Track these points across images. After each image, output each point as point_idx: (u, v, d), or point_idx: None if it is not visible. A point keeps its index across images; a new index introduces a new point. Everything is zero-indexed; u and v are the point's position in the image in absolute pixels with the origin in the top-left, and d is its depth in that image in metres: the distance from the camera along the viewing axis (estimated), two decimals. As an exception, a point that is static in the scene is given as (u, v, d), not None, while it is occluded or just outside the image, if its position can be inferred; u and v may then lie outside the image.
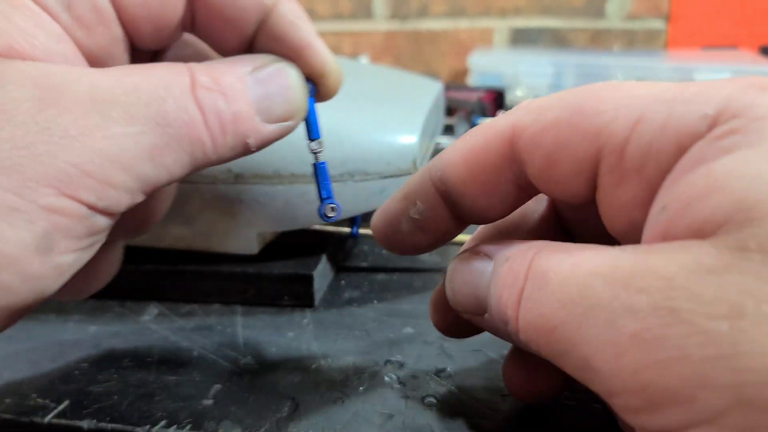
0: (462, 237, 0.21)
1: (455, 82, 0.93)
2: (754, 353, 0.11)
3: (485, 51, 0.82)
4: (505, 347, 0.24)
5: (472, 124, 0.58)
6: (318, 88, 0.20)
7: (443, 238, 0.19)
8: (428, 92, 0.36)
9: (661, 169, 0.15)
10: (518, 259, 0.16)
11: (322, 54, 0.19)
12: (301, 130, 0.20)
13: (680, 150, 0.14)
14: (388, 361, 0.23)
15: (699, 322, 0.12)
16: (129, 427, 0.20)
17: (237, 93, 0.17)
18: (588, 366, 0.13)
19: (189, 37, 0.20)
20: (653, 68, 0.69)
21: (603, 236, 0.17)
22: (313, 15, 0.83)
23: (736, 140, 0.13)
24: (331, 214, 0.21)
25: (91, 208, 0.15)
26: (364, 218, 0.32)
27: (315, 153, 0.21)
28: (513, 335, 0.16)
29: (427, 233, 0.19)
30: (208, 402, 0.21)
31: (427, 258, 0.32)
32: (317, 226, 0.28)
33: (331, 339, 0.25)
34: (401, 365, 0.23)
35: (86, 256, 0.17)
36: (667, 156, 0.14)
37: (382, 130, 0.27)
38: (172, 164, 0.17)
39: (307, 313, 0.27)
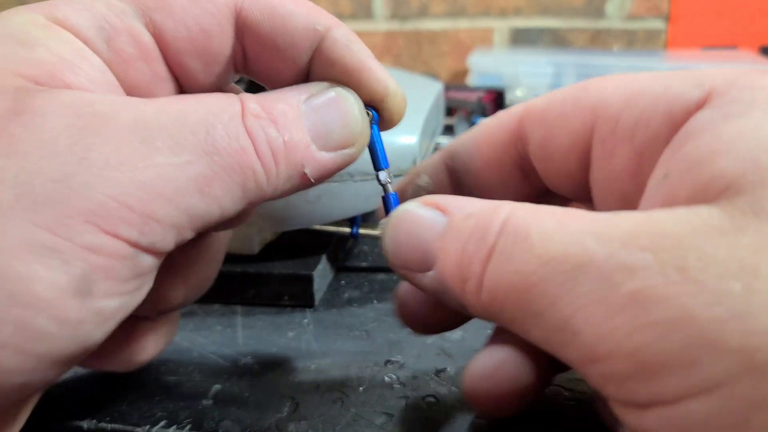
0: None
1: (455, 82, 0.93)
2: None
3: (485, 51, 0.82)
4: (505, 347, 0.24)
5: (472, 124, 0.58)
6: (380, 113, 0.19)
7: None
8: (428, 92, 0.36)
9: (651, 135, 0.15)
10: (486, 215, 0.15)
11: (382, 76, 0.18)
12: None
13: (671, 117, 0.14)
14: (388, 361, 0.23)
15: (710, 281, 0.11)
16: (129, 427, 0.20)
17: (290, 121, 0.16)
18: (565, 327, 0.12)
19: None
20: (653, 68, 0.69)
21: None
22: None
23: (742, 107, 0.13)
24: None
25: (134, 245, 0.14)
26: (364, 218, 0.32)
27: (384, 184, 0.19)
28: (471, 295, 0.15)
29: None
30: (208, 402, 0.21)
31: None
32: (317, 226, 0.28)
33: (331, 339, 0.25)
34: (401, 365, 0.23)
35: (133, 301, 0.15)
36: (657, 123, 0.14)
37: (381, 130, 0.27)
38: (222, 196, 0.15)
39: (307, 313, 0.27)
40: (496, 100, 0.66)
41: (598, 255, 0.12)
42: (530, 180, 0.18)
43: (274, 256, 0.28)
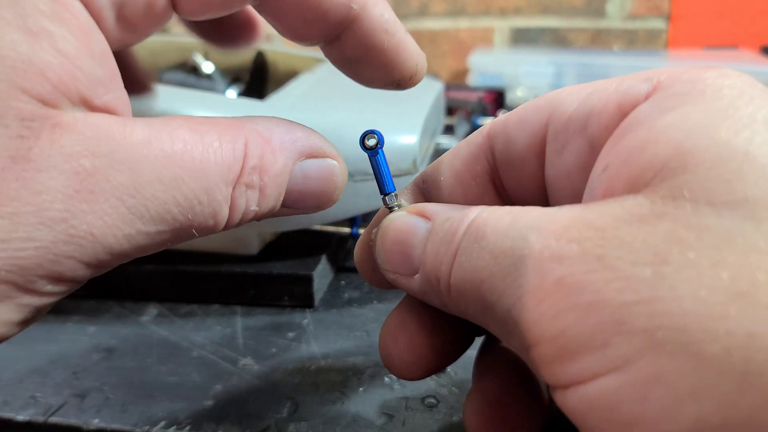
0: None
1: (455, 81, 0.93)
2: (672, 297, 0.11)
3: (485, 51, 0.82)
4: (506, 348, 0.24)
5: (473, 124, 0.58)
6: (403, 84, 0.19)
7: None
8: (428, 92, 0.36)
9: (602, 127, 0.15)
10: (459, 218, 0.16)
11: (415, 56, 0.18)
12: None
13: (620, 109, 0.15)
14: (388, 362, 0.23)
15: (623, 267, 0.12)
16: (129, 428, 0.20)
17: (274, 189, 0.16)
18: (508, 317, 0.13)
19: None
20: (653, 68, 0.69)
21: None
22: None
23: (679, 100, 0.14)
24: None
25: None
26: (364, 218, 0.32)
27: (391, 208, 0.18)
28: (444, 294, 0.15)
29: None
30: (208, 402, 0.21)
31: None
32: (317, 226, 0.28)
33: (331, 339, 0.25)
34: (401, 366, 0.23)
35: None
36: (608, 115, 0.15)
37: (382, 130, 0.27)
38: (160, 244, 0.15)
39: (307, 313, 0.27)
40: (497, 99, 0.66)
41: (536, 248, 0.13)
42: (502, 196, 0.19)
43: (274, 256, 0.28)
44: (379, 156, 0.18)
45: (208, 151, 0.15)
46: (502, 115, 0.18)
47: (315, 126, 0.23)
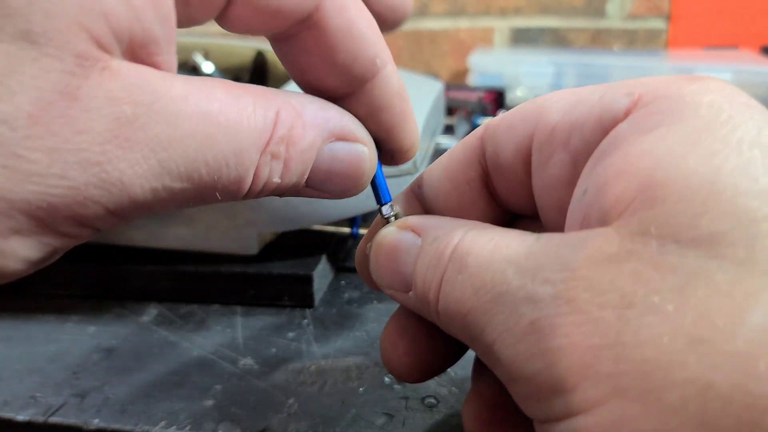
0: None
1: (455, 81, 0.93)
2: (635, 343, 0.11)
3: (485, 51, 0.82)
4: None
5: (473, 124, 0.58)
6: (398, 158, 0.19)
7: None
8: (428, 92, 0.36)
9: (584, 142, 0.15)
10: (445, 239, 0.16)
11: (415, 131, 0.18)
12: None
13: (601, 125, 0.15)
14: (388, 362, 0.23)
15: (591, 311, 0.12)
16: (129, 428, 0.20)
17: (300, 164, 0.16)
18: (491, 352, 0.14)
19: None
20: (654, 68, 0.69)
21: None
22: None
23: (656, 120, 0.13)
24: None
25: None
26: (364, 218, 0.32)
27: (387, 218, 0.19)
28: (435, 317, 0.16)
29: None
30: (208, 402, 0.21)
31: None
32: (317, 226, 0.28)
33: (331, 339, 0.25)
34: (401, 366, 0.23)
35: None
36: (590, 129, 0.15)
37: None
38: (181, 202, 0.15)
39: (307, 313, 0.27)
40: (497, 99, 0.66)
41: (513, 285, 0.13)
42: (497, 200, 0.19)
43: (274, 256, 0.28)
44: (376, 166, 0.19)
45: (241, 114, 0.15)
46: (496, 118, 0.18)
47: None
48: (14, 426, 0.21)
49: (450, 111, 0.62)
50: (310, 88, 0.18)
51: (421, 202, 0.19)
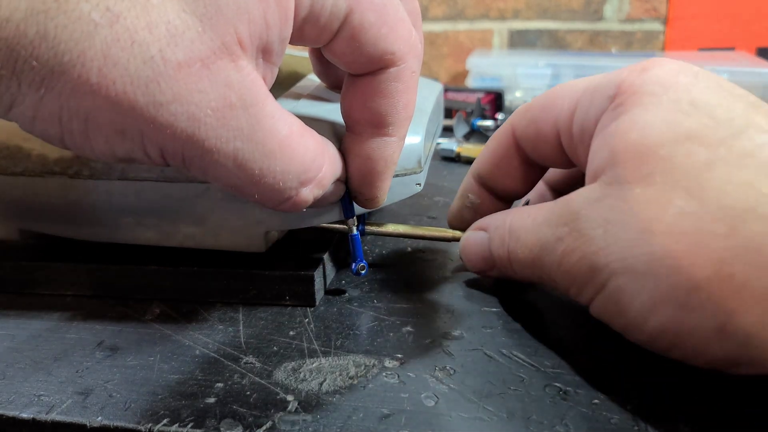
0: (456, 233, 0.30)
1: (454, 83, 0.93)
2: (615, 243, 0.19)
3: (484, 53, 0.83)
4: (505, 346, 0.24)
5: (471, 126, 0.58)
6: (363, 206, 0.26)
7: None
8: (430, 93, 0.36)
9: (592, 137, 0.22)
10: (502, 226, 0.25)
11: (384, 191, 0.25)
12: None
13: (600, 108, 0.22)
14: (388, 361, 0.23)
15: (589, 232, 0.20)
16: (132, 425, 0.20)
17: (316, 197, 0.22)
18: (551, 278, 0.22)
19: None
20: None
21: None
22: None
23: (621, 110, 0.21)
24: (362, 271, 0.27)
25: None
26: (370, 215, 0.32)
27: (350, 227, 0.27)
28: (514, 274, 0.25)
29: (482, 215, 0.28)
30: (210, 400, 0.21)
31: (429, 257, 0.32)
32: (324, 224, 0.28)
33: (332, 338, 0.25)
34: (401, 365, 0.23)
35: None
36: (591, 128, 0.22)
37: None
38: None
39: (308, 312, 0.27)
40: (495, 101, 0.67)
41: (548, 236, 0.22)
42: (537, 169, 0.27)
43: (275, 255, 0.28)
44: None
45: (300, 150, 0.21)
46: (518, 121, 0.26)
47: (324, 128, 0.24)
48: (18, 424, 0.21)
49: (449, 113, 0.63)
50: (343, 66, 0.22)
51: (483, 185, 0.28)
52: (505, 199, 0.28)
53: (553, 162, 0.26)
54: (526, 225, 0.23)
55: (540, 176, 0.28)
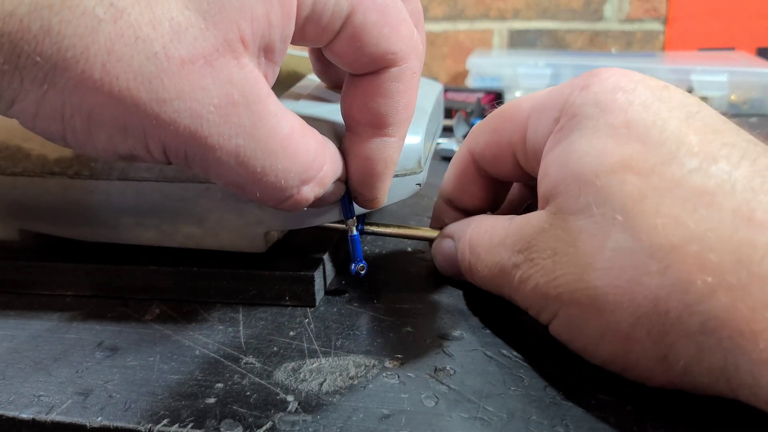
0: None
1: (454, 83, 0.93)
2: (563, 274, 0.20)
3: (484, 53, 0.83)
4: (504, 346, 0.24)
5: (471, 126, 0.58)
6: (361, 205, 0.26)
7: None
8: (430, 93, 0.36)
9: (540, 140, 0.23)
10: (463, 238, 0.26)
11: (384, 191, 0.25)
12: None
13: (549, 129, 0.22)
14: (388, 361, 0.23)
15: (540, 262, 0.21)
16: (131, 425, 0.20)
17: (317, 196, 0.22)
18: (511, 298, 0.23)
19: None
20: (651, 70, 0.69)
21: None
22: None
23: (561, 136, 0.21)
24: (362, 272, 0.27)
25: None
26: (369, 215, 0.32)
27: (350, 227, 0.27)
28: (478, 284, 0.26)
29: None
30: (210, 401, 0.21)
31: (429, 257, 0.32)
32: (327, 223, 0.28)
33: (332, 338, 0.25)
34: (401, 365, 0.23)
35: None
36: (540, 149, 0.23)
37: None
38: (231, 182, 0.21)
39: (308, 312, 0.27)
40: (495, 101, 0.67)
41: (505, 260, 0.23)
42: (496, 184, 0.28)
43: (275, 256, 0.28)
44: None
45: (302, 149, 0.21)
46: (474, 143, 0.27)
47: (324, 128, 0.25)
48: (18, 424, 0.21)
49: (449, 113, 0.63)
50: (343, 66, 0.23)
51: (447, 204, 0.29)
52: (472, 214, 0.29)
53: (516, 178, 0.26)
54: (484, 243, 0.24)
55: (509, 188, 0.29)
